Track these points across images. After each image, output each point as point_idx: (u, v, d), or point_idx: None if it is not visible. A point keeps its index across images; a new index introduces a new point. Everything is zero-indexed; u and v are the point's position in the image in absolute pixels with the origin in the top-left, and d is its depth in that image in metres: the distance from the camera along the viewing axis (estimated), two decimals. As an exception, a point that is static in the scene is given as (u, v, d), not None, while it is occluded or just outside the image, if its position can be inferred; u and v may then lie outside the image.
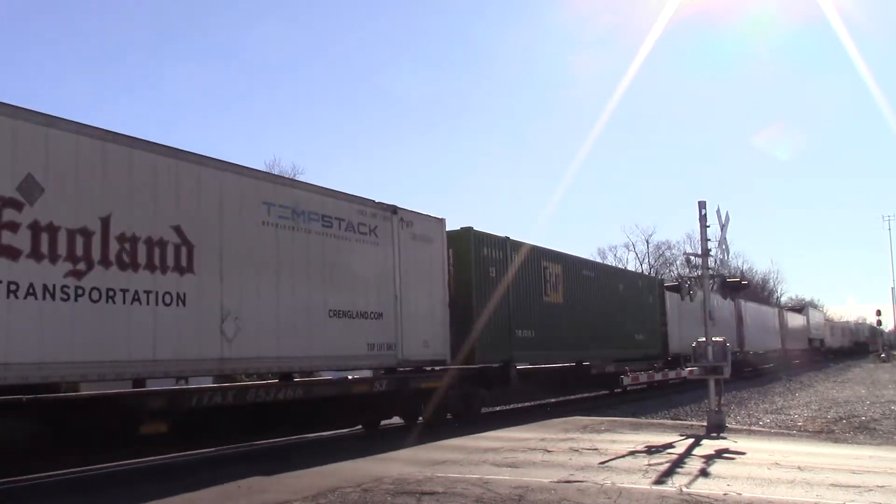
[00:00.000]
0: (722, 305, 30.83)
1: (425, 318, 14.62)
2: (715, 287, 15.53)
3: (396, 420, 15.61)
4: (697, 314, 31.16)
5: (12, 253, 8.10)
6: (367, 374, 14.02)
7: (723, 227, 14.55)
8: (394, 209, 14.18)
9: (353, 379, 12.88)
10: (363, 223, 13.35)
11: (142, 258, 9.41)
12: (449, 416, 15.77)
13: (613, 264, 60.33)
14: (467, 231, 16.77)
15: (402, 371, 14.04)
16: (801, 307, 64.20)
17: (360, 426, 14.73)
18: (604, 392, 25.82)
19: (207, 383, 11.49)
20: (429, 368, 14.83)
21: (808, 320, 58.58)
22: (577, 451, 10.87)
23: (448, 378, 14.98)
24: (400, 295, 13.98)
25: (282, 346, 11.26)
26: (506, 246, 17.94)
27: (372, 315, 13.20)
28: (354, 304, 12.82)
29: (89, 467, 10.04)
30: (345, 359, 12.50)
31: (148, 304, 9.40)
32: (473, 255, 16.63)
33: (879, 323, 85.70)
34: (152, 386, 9.85)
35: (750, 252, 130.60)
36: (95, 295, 8.83)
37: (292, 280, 11.65)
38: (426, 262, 14.95)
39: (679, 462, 9.84)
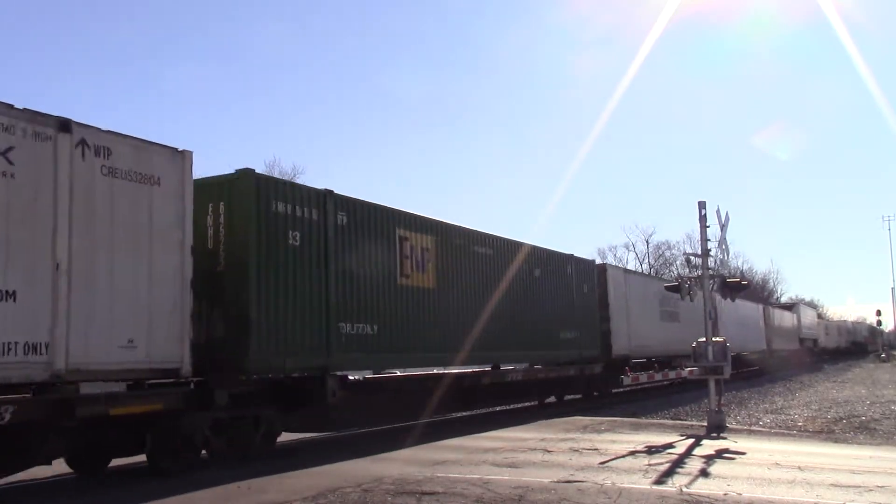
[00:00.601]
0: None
1: (131, 303, 9.00)
2: (715, 287, 15.19)
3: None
4: (653, 307, 25.90)
5: None
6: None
7: (723, 228, 14.44)
8: (63, 123, 8.60)
9: None
10: (-25, 138, 7.82)
11: None
12: (204, 452, 10.25)
13: (613, 263, 52.66)
14: (247, 175, 11.16)
15: (65, 389, 8.40)
16: (790, 305, 58.82)
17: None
18: (520, 405, 20.35)
19: None
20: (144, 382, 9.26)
21: (798, 319, 53.44)
22: (577, 451, 10.79)
23: (173, 398, 9.39)
24: (68, 263, 8.41)
25: None
26: (325, 203, 12.34)
27: (-16, 294, 7.64)
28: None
29: None
30: None
31: None
32: (257, 211, 11.05)
33: (879, 323, 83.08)
34: None
35: (750, 252, 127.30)
36: None
37: None
38: (142, 214, 9.34)
39: (679, 462, 9.75)
